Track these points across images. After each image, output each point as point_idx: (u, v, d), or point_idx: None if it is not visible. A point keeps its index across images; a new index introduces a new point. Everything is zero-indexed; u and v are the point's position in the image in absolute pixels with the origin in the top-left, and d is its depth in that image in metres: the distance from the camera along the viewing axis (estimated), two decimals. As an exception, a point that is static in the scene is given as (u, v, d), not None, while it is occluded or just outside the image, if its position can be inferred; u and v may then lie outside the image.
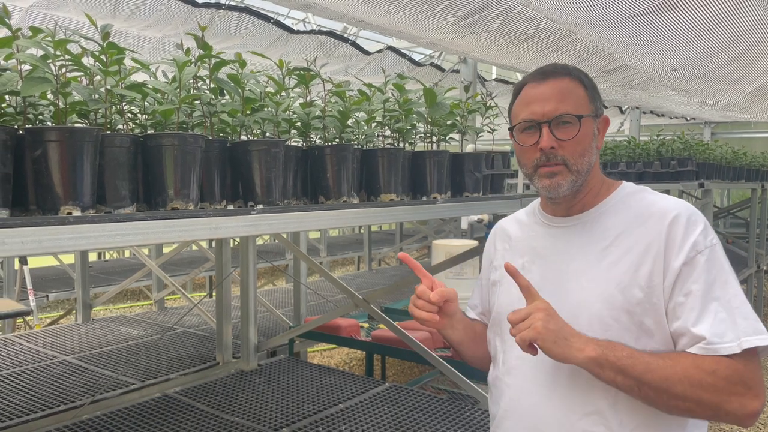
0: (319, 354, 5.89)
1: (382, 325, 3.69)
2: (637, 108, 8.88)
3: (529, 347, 1.14)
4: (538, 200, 1.43)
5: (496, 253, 1.48)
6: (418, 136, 2.53)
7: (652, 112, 9.51)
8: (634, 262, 1.19)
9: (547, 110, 1.24)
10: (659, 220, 1.20)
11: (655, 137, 5.78)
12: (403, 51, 6.98)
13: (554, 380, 1.23)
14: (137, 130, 1.86)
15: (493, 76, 8.80)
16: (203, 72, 1.84)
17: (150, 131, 1.81)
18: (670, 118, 10.40)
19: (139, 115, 1.88)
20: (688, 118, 10.79)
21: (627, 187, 1.33)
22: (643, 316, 1.16)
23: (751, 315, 1.13)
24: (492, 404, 1.40)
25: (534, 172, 1.28)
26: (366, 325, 4.15)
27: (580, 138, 1.24)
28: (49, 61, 1.45)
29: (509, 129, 1.36)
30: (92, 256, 8.62)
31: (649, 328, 1.16)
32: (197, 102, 1.82)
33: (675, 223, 1.18)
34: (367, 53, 6.32)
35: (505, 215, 2.56)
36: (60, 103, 1.51)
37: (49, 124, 1.63)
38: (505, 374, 1.34)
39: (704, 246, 1.16)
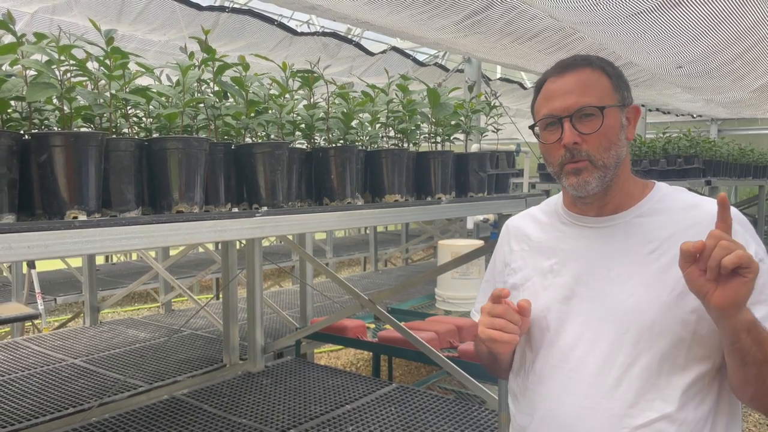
0: (326, 355, 5.89)
1: (388, 326, 3.69)
2: (643, 106, 8.84)
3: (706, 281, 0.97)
4: (556, 198, 1.34)
5: (512, 254, 1.37)
6: (422, 137, 2.53)
7: (657, 110, 9.47)
8: None
9: (568, 104, 1.18)
10: (712, 224, 1.08)
11: (661, 135, 5.77)
12: (406, 51, 6.97)
13: (598, 391, 1.16)
14: (142, 134, 1.87)
15: (498, 76, 8.78)
16: (207, 75, 1.84)
17: (155, 135, 1.82)
18: (676, 115, 10.34)
19: (143, 119, 1.89)
20: (694, 116, 10.72)
21: (662, 187, 1.26)
22: (698, 325, 1.10)
23: None
24: (521, 414, 1.31)
25: (560, 170, 1.21)
26: (372, 325, 4.15)
27: (605, 130, 1.17)
28: (53, 66, 1.46)
29: (530, 127, 1.28)
30: (99, 260, 8.65)
31: (701, 337, 1.10)
32: (201, 105, 1.82)
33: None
34: (371, 54, 6.32)
35: (510, 215, 2.57)
36: (65, 108, 1.52)
37: (55, 128, 1.64)
38: (537, 384, 1.25)
39: (764, 254, 1.12)
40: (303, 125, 2.14)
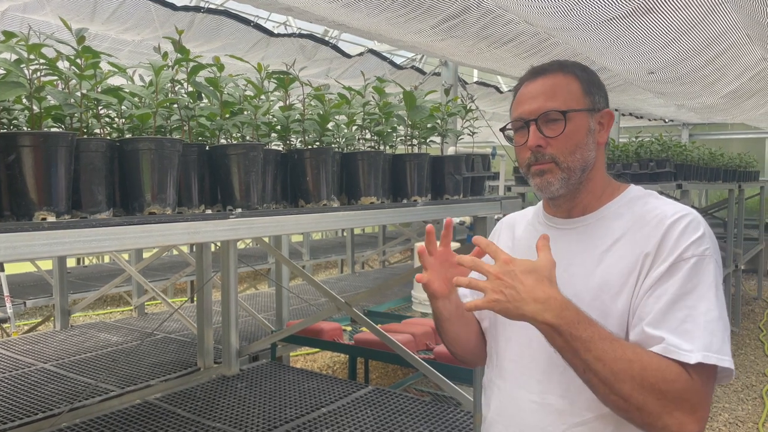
0: (302, 358, 5.87)
1: (365, 329, 3.68)
2: (616, 110, 8.97)
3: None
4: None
5: None
6: (398, 139, 2.53)
7: (631, 114, 9.62)
8: (627, 268, 1.15)
9: (534, 108, 1.22)
10: (657, 225, 1.15)
11: (634, 139, 5.85)
12: (384, 54, 6.98)
13: (544, 388, 1.20)
14: (114, 135, 1.85)
15: (474, 79, 8.84)
16: (181, 76, 1.83)
17: (127, 135, 1.79)
18: (649, 120, 10.52)
19: (116, 120, 1.86)
20: (667, 120, 10.93)
21: (633, 190, 1.28)
22: (625, 321, 1.13)
23: (720, 334, 1.05)
24: (484, 405, 1.38)
25: (528, 171, 1.26)
26: (349, 328, 4.14)
27: (569, 134, 1.21)
28: (22, 65, 1.44)
29: (501, 129, 1.33)
30: (71, 262, 8.51)
31: (618, 335, 1.12)
32: (175, 106, 1.81)
33: (672, 227, 1.13)
34: (348, 56, 6.32)
35: (485, 217, 2.59)
36: (35, 108, 1.49)
37: (24, 128, 1.61)
38: (497, 377, 1.32)
39: (692, 254, 1.10)
40: (278, 127, 2.13)
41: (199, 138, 1.98)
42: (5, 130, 1.55)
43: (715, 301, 1.08)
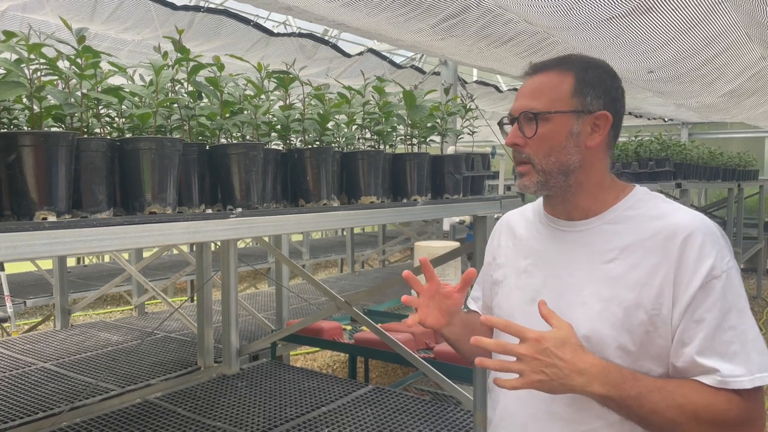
0: (302, 357, 5.87)
1: (365, 328, 3.69)
2: (616, 109, 8.96)
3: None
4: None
5: (499, 249, 1.41)
6: (398, 139, 2.53)
7: (630, 114, 9.61)
8: (640, 281, 1.12)
9: (518, 106, 1.22)
10: (671, 236, 1.11)
11: (633, 138, 5.86)
12: (383, 53, 6.98)
13: (550, 395, 1.15)
14: (114, 134, 1.85)
15: (474, 78, 8.83)
16: (181, 75, 1.83)
17: (127, 135, 1.80)
18: (648, 119, 10.52)
19: (116, 119, 1.86)
20: (666, 119, 10.92)
21: (639, 192, 1.24)
22: (646, 339, 1.11)
23: (765, 349, 1.07)
24: (489, 409, 1.36)
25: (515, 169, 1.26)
26: (349, 327, 4.15)
27: (545, 136, 1.17)
28: (23, 65, 1.44)
29: (498, 123, 1.33)
30: (71, 261, 8.50)
31: (648, 351, 1.11)
32: (175, 105, 1.81)
33: (689, 243, 1.10)
34: (348, 56, 6.32)
35: (485, 216, 2.59)
36: (35, 108, 1.49)
37: (24, 128, 1.61)
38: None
39: (721, 270, 1.08)
40: (278, 126, 2.13)
41: (200, 137, 1.98)
42: (6, 130, 1.55)
43: (749, 312, 1.10)
